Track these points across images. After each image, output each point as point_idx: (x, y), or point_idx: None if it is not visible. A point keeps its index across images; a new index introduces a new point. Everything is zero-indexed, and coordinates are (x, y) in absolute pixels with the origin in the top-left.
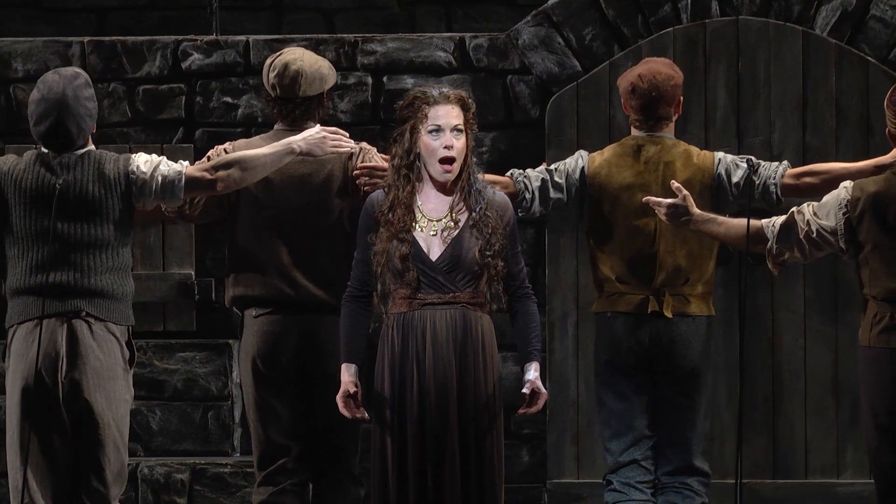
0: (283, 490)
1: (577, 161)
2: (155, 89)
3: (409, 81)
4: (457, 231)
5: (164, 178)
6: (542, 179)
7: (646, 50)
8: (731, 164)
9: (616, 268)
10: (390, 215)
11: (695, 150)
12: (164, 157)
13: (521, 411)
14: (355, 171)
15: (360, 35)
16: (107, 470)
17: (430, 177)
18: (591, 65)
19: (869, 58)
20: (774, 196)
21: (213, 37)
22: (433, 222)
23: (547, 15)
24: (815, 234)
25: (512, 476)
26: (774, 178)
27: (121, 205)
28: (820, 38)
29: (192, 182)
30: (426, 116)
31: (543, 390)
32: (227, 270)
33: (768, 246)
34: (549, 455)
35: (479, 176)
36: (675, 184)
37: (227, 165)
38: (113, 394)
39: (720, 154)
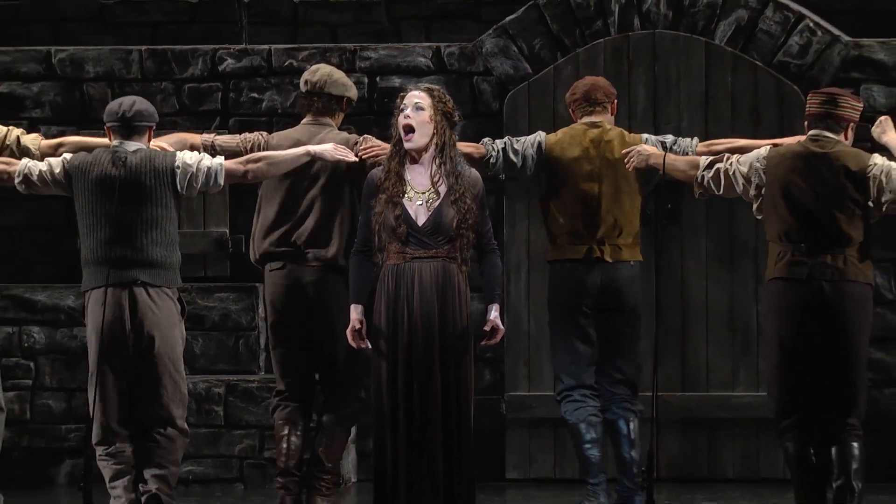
0: (294, 398)
1: (536, 138)
2: (197, 87)
3: (396, 81)
4: (438, 202)
5: (209, 168)
6: (505, 143)
7: (582, 57)
8: (656, 141)
9: (568, 223)
10: (386, 183)
11: (625, 132)
12: (206, 154)
13: (482, 343)
14: (361, 153)
15: (358, 44)
16: (164, 397)
17: (408, 153)
18: (540, 68)
19: (758, 63)
20: None
21: (242, 46)
22: (419, 194)
23: (505, 29)
24: (732, 173)
25: (476, 391)
26: (692, 147)
27: (169, 191)
28: (719, 47)
29: (230, 173)
30: (401, 101)
31: (501, 327)
32: (255, 231)
33: (698, 174)
34: (506, 374)
35: (460, 158)
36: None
37: (257, 160)
38: (169, 338)
39: (645, 135)
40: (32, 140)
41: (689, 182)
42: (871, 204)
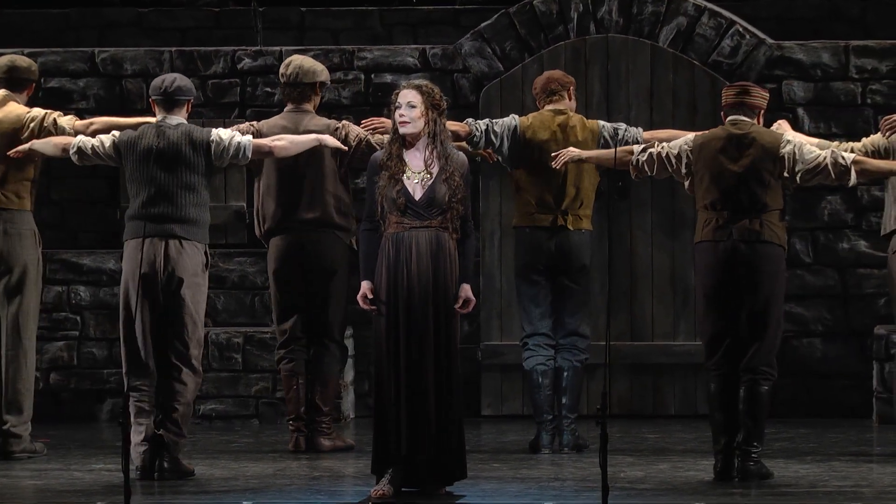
0: (295, 349)
1: (511, 120)
2: (219, 82)
3: (388, 78)
4: (431, 181)
5: (238, 143)
6: (487, 124)
7: (546, 57)
8: (609, 127)
9: (535, 195)
10: (388, 163)
11: (584, 119)
12: (236, 132)
13: (457, 310)
14: (365, 126)
15: (356, 46)
16: (186, 336)
17: (405, 140)
18: (510, 67)
19: (695, 62)
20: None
21: (258, 47)
22: (416, 174)
23: (480, 33)
24: (664, 156)
25: None
26: (639, 134)
27: (203, 161)
28: (662, 48)
29: (257, 148)
30: (396, 98)
31: (473, 299)
32: (257, 206)
33: (633, 159)
34: (481, 326)
35: (449, 143)
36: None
37: (280, 139)
38: (193, 283)
39: (601, 122)
40: (68, 121)
41: (626, 167)
42: (786, 175)
